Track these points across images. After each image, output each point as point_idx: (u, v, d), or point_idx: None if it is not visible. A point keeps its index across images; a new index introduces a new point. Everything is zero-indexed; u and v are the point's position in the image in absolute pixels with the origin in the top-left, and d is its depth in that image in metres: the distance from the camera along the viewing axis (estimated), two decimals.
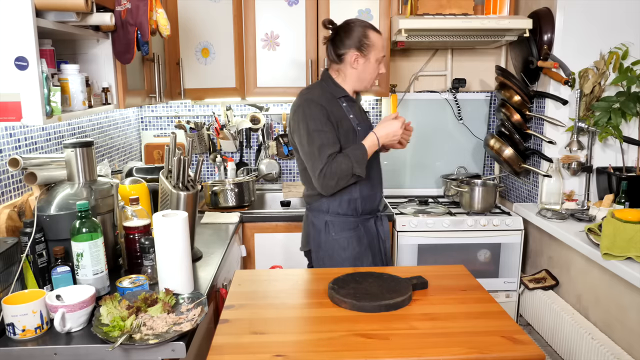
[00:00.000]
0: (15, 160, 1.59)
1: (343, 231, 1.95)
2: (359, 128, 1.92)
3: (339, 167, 1.80)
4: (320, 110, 1.84)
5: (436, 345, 1.18)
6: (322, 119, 1.84)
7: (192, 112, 3.09)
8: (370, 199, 1.97)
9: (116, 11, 1.68)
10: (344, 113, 1.91)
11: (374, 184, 1.98)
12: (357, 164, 1.81)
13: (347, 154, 1.82)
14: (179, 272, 1.47)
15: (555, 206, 2.56)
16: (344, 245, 1.94)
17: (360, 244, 1.96)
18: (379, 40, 1.91)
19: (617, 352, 1.97)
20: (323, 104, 1.86)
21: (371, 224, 2.00)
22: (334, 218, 1.95)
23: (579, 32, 2.51)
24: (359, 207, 1.95)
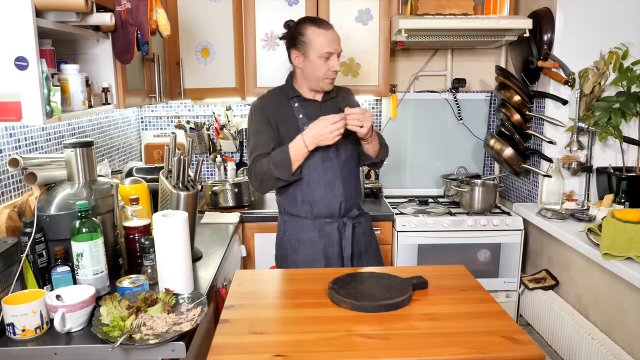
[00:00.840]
0: (15, 160, 1.59)
1: (295, 233, 1.93)
2: (305, 128, 1.82)
3: (260, 168, 1.83)
4: (259, 113, 1.90)
5: (436, 345, 1.18)
6: (259, 120, 1.89)
7: (192, 112, 3.09)
8: (326, 203, 1.89)
9: (116, 11, 1.68)
10: (291, 113, 1.90)
11: (331, 188, 1.89)
12: (275, 166, 1.79)
13: (270, 157, 1.81)
14: (179, 272, 1.47)
15: (555, 206, 2.56)
16: (295, 247, 1.94)
17: (312, 248, 1.91)
18: (318, 35, 1.82)
19: (617, 352, 1.97)
20: (265, 106, 1.90)
21: (332, 228, 1.91)
22: (289, 219, 1.96)
23: (579, 32, 2.51)
24: (314, 210, 1.90)
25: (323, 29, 1.84)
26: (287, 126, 1.88)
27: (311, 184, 1.88)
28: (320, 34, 1.83)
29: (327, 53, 1.83)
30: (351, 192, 1.95)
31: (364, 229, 1.99)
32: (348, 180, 1.93)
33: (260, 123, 1.88)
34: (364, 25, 2.69)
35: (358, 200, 2.01)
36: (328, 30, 1.85)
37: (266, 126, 1.87)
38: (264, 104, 1.92)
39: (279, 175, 1.81)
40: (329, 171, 1.89)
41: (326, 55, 1.83)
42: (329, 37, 1.84)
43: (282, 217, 2.00)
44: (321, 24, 1.85)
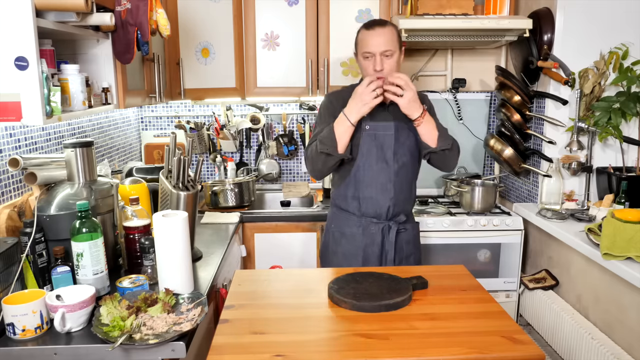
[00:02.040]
0: (15, 160, 1.59)
1: (341, 226, 1.98)
2: (367, 127, 1.87)
3: (311, 150, 1.86)
4: (327, 104, 1.96)
5: (436, 345, 1.18)
6: (325, 112, 1.94)
7: (192, 112, 3.09)
8: (372, 203, 1.92)
9: (116, 11, 1.69)
10: None
11: (379, 189, 1.90)
12: (321, 142, 1.81)
13: (320, 135, 1.84)
14: (179, 272, 1.47)
15: (555, 206, 2.56)
16: (337, 239, 1.98)
17: (353, 243, 1.94)
18: (365, 36, 1.86)
19: (617, 352, 1.97)
20: (334, 99, 1.95)
21: (376, 228, 1.93)
22: (338, 211, 2.01)
23: (579, 32, 2.51)
24: (361, 208, 1.93)
25: (369, 29, 1.85)
26: None
27: (364, 182, 1.90)
28: (365, 34, 1.86)
29: (366, 53, 1.84)
30: (402, 197, 1.94)
31: (409, 236, 1.99)
32: (401, 186, 1.92)
33: (326, 115, 1.92)
34: None
35: (408, 207, 2.00)
36: (372, 30, 1.84)
37: (330, 119, 1.87)
38: (333, 98, 1.96)
39: (324, 149, 1.80)
40: (382, 173, 1.89)
41: (366, 55, 1.85)
42: (371, 37, 1.84)
43: (332, 209, 2.05)
44: (369, 25, 1.86)
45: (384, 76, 1.81)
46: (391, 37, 1.84)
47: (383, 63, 1.83)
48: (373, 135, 1.88)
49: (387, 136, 1.88)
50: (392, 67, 1.84)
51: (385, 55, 1.83)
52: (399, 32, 1.92)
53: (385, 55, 1.83)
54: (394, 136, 1.89)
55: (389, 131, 1.89)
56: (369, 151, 1.88)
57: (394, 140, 1.89)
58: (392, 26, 1.87)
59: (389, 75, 1.78)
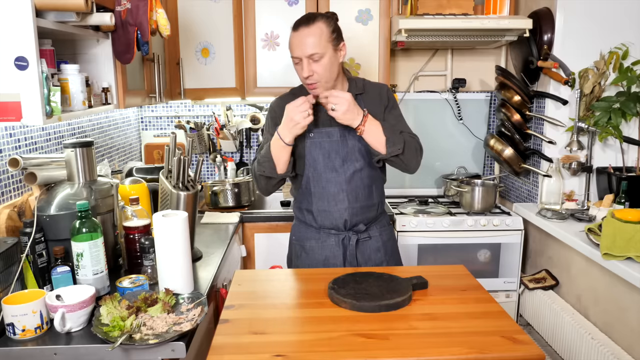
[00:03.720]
0: (15, 160, 1.59)
1: (300, 238, 1.89)
2: (312, 134, 1.74)
3: (253, 168, 1.80)
4: (269, 113, 1.84)
5: (436, 345, 1.18)
6: (268, 122, 1.83)
7: (192, 112, 3.09)
8: (327, 215, 1.79)
9: (116, 11, 1.68)
10: None
11: (332, 200, 1.78)
12: (259, 163, 1.73)
13: (259, 155, 1.76)
14: (179, 272, 1.47)
15: (555, 206, 2.56)
16: (298, 252, 1.89)
17: (313, 256, 1.84)
18: (291, 38, 1.68)
19: (617, 352, 1.97)
20: (275, 107, 1.82)
21: (336, 240, 1.81)
22: (298, 223, 1.92)
23: (579, 32, 2.51)
24: (317, 220, 1.82)
25: (294, 30, 1.66)
26: None
27: (315, 194, 1.79)
28: (291, 36, 1.67)
29: (294, 58, 1.68)
30: (359, 206, 1.79)
31: (377, 243, 1.86)
32: (355, 194, 1.78)
33: (270, 125, 1.81)
34: (364, 25, 2.69)
35: (370, 214, 1.84)
36: (297, 31, 1.65)
37: (273, 130, 1.75)
38: (275, 106, 1.83)
39: (264, 172, 1.72)
40: (332, 183, 1.76)
41: (294, 60, 1.68)
42: (295, 40, 1.66)
43: (294, 219, 1.96)
44: (295, 25, 1.67)
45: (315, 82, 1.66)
46: (318, 36, 1.62)
47: (311, 67, 1.64)
48: (318, 144, 1.75)
49: (332, 142, 1.75)
50: (323, 71, 1.65)
51: (312, 59, 1.63)
52: (335, 26, 1.69)
53: (312, 59, 1.63)
54: (340, 142, 1.75)
55: (333, 137, 1.75)
56: (315, 161, 1.75)
57: (341, 146, 1.75)
58: (322, 22, 1.65)
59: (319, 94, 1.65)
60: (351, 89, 1.79)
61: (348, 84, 1.81)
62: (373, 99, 1.81)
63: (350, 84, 1.81)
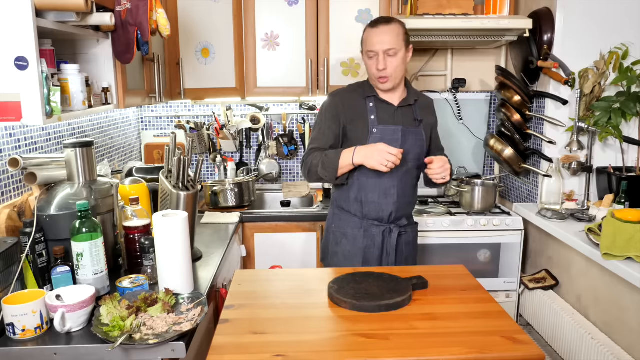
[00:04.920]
0: (15, 160, 1.59)
1: (342, 226, 1.97)
2: (375, 130, 1.87)
3: (311, 161, 1.87)
4: (330, 106, 1.93)
5: (436, 345, 1.18)
6: (327, 114, 1.92)
7: (192, 112, 3.09)
8: (375, 207, 1.91)
9: (116, 11, 1.68)
10: (364, 113, 1.89)
11: (383, 194, 1.90)
12: (323, 166, 1.82)
13: (324, 154, 1.84)
14: (179, 272, 1.47)
15: (555, 206, 2.56)
16: (338, 239, 1.98)
17: (353, 244, 1.94)
18: (369, 34, 1.85)
19: (617, 352, 1.97)
20: (339, 101, 1.92)
21: (378, 231, 1.93)
22: (339, 212, 2.00)
23: (579, 32, 2.51)
24: (364, 210, 1.93)
25: (373, 27, 1.84)
26: (357, 125, 1.89)
27: (367, 186, 1.89)
28: (369, 32, 1.85)
29: (370, 52, 1.84)
30: (405, 202, 1.95)
31: (409, 238, 2.01)
32: (404, 191, 1.93)
33: (329, 117, 1.91)
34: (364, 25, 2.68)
35: (410, 210, 2.02)
36: (376, 28, 1.83)
37: (333, 122, 1.89)
38: (338, 100, 1.92)
39: (323, 175, 1.84)
40: (386, 178, 1.88)
41: (369, 54, 1.84)
42: (374, 36, 1.83)
43: (333, 209, 2.03)
44: (374, 23, 1.85)
45: (387, 76, 1.83)
46: (396, 35, 1.82)
47: (386, 62, 1.82)
48: (379, 139, 1.86)
49: (393, 141, 1.86)
50: (396, 66, 1.84)
51: (388, 54, 1.82)
52: (406, 30, 1.89)
53: (388, 54, 1.82)
54: (401, 141, 1.88)
55: (396, 135, 1.88)
56: None
57: (400, 145, 1.87)
58: (398, 24, 1.85)
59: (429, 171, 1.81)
60: (410, 93, 1.96)
61: (406, 87, 1.97)
62: (425, 108, 2.00)
63: (409, 88, 1.98)
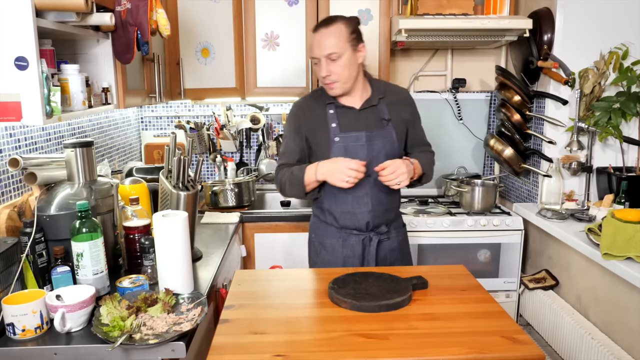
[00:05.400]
0: (15, 160, 1.59)
1: (320, 236, 1.90)
2: (337, 139, 1.76)
3: (280, 178, 1.83)
4: (292, 117, 1.86)
5: (436, 345, 1.18)
6: (290, 127, 1.86)
7: (192, 112, 3.09)
8: (350, 217, 1.82)
9: (116, 11, 1.68)
10: (325, 121, 1.79)
11: (356, 203, 1.80)
12: (290, 184, 1.78)
13: (290, 172, 1.78)
14: (179, 272, 1.47)
15: (555, 206, 2.56)
16: (317, 249, 1.91)
17: (333, 254, 1.86)
18: (312, 39, 1.73)
19: (617, 352, 1.97)
20: (300, 112, 1.84)
21: (356, 240, 1.84)
22: (317, 221, 1.93)
23: (579, 32, 2.51)
24: (339, 221, 1.84)
25: (314, 31, 1.73)
26: (318, 137, 1.80)
27: (339, 197, 1.80)
28: (312, 37, 1.73)
29: (313, 59, 1.74)
30: (381, 209, 1.83)
31: (393, 244, 1.89)
32: (379, 198, 1.81)
33: (291, 130, 1.84)
34: (364, 25, 2.68)
35: (390, 216, 1.88)
36: (317, 32, 1.71)
37: (296, 135, 1.82)
38: (299, 110, 1.84)
39: (291, 193, 1.80)
40: (358, 187, 1.74)
41: (313, 60, 1.74)
42: (315, 41, 1.71)
43: (313, 217, 1.96)
44: (315, 27, 1.74)
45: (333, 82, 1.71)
46: (337, 37, 1.68)
47: (329, 68, 1.70)
48: (343, 148, 1.76)
49: (359, 147, 1.76)
50: (341, 70, 1.70)
51: (330, 58, 1.69)
52: (354, 27, 1.73)
53: (330, 58, 1.69)
54: (367, 146, 1.77)
55: (360, 142, 1.77)
56: None
57: (367, 150, 1.76)
58: (340, 23, 1.70)
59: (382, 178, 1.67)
60: (374, 92, 1.83)
61: (370, 86, 1.84)
62: (396, 104, 1.85)
63: (373, 86, 1.84)
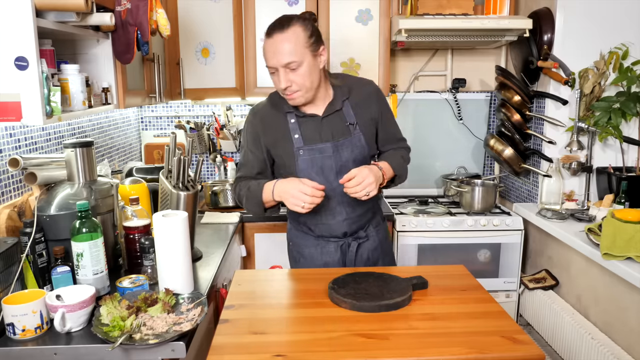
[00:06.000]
0: (15, 160, 1.59)
1: (298, 244, 1.83)
2: (302, 152, 1.64)
3: (239, 193, 1.71)
4: (250, 129, 1.72)
5: (436, 345, 1.18)
6: (248, 137, 1.72)
7: (192, 112, 3.09)
8: (327, 228, 1.74)
9: (116, 11, 1.68)
10: (286, 131, 1.66)
11: (329, 214, 1.72)
12: (247, 201, 1.67)
13: (247, 187, 1.67)
14: (179, 272, 1.47)
15: (555, 206, 2.56)
16: (296, 258, 1.85)
17: (312, 263, 1.79)
18: (265, 46, 1.55)
19: (617, 352, 1.97)
20: (258, 121, 1.70)
21: (335, 246, 1.76)
22: (293, 229, 1.85)
23: (579, 32, 2.51)
24: (314, 230, 1.77)
25: (267, 36, 1.54)
26: (280, 150, 1.67)
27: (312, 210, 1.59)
28: (265, 43, 1.55)
29: (270, 68, 1.56)
30: (356, 215, 1.74)
31: (374, 243, 1.81)
32: (353, 206, 1.72)
33: (249, 141, 1.70)
34: (364, 25, 2.69)
35: (367, 219, 1.79)
36: (271, 38, 1.52)
37: (255, 146, 1.69)
38: (257, 120, 1.70)
39: (250, 209, 1.68)
40: (328, 198, 1.65)
41: (270, 70, 1.56)
42: (269, 48, 1.53)
43: (289, 225, 1.88)
44: (269, 31, 1.54)
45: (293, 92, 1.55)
46: (294, 42, 1.50)
47: (288, 77, 1.53)
48: (309, 161, 1.65)
49: (325, 158, 1.65)
50: (302, 81, 1.54)
51: (289, 68, 1.52)
52: (313, 30, 1.55)
53: (289, 68, 1.52)
54: (334, 157, 1.65)
55: (326, 153, 1.65)
56: (308, 177, 1.62)
57: (334, 161, 1.66)
58: (297, 26, 1.51)
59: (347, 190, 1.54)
60: (337, 96, 1.68)
61: (332, 90, 1.69)
62: (362, 101, 1.71)
63: (335, 91, 1.69)
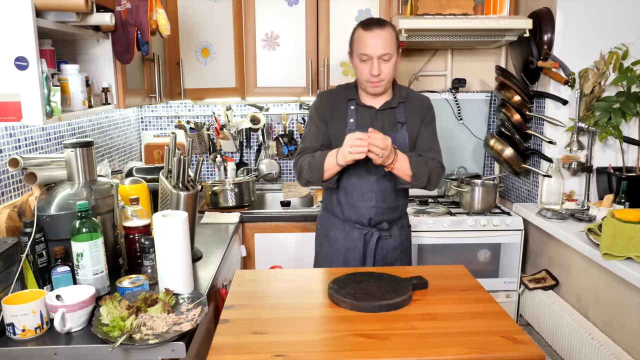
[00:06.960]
0: (15, 160, 1.59)
1: (325, 228, 1.99)
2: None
3: (300, 163, 1.86)
4: (316, 106, 1.94)
5: (436, 345, 1.18)
6: (314, 114, 1.93)
7: (192, 112, 3.09)
8: (354, 210, 1.90)
9: (116, 11, 1.69)
10: (344, 115, 1.89)
11: (361, 197, 1.88)
12: (310, 168, 1.81)
13: (311, 156, 1.83)
14: (179, 272, 1.47)
15: (555, 206, 2.56)
16: (321, 240, 2.01)
17: (334, 246, 1.95)
18: (362, 36, 1.79)
19: (617, 352, 1.97)
20: (324, 102, 1.92)
21: (358, 234, 1.92)
22: (324, 213, 2.03)
23: (579, 32, 2.51)
24: (344, 212, 1.92)
25: (367, 30, 1.78)
26: (335, 129, 1.88)
27: (347, 189, 1.89)
28: (362, 35, 1.79)
29: (363, 55, 1.78)
30: (385, 207, 1.90)
31: (395, 242, 1.96)
32: (383, 195, 1.89)
33: (315, 117, 1.92)
34: None
35: (394, 216, 1.95)
36: (370, 31, 1.78)
37: (320, 121, 1.91)
38: (323, 100, 1.93)
39: (309, 177, 1.83)
40: (364, 181, 1.87)
41: (362, 57, 1.79)
42: (368, 39, 1.77)
43: (322, 210, 2.06)
44: (367, 25, 1.79)
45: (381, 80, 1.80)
46: (390, 39, 1.79)
47: (380, 67, 1.78)
48: None
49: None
50: (389, 71, 1.81)
51: (383, 59, 1.78)
52: (397, 33, 1.86)
53: (383, 59, 1.78)
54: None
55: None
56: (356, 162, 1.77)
57: None
58: (390, 27, 1.81)
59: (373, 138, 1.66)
60: (395, 97, 1.91)
61: (393, 90, 1.92)
62: (414, 109, 1.93)
63: (395, 92, 1.92)
